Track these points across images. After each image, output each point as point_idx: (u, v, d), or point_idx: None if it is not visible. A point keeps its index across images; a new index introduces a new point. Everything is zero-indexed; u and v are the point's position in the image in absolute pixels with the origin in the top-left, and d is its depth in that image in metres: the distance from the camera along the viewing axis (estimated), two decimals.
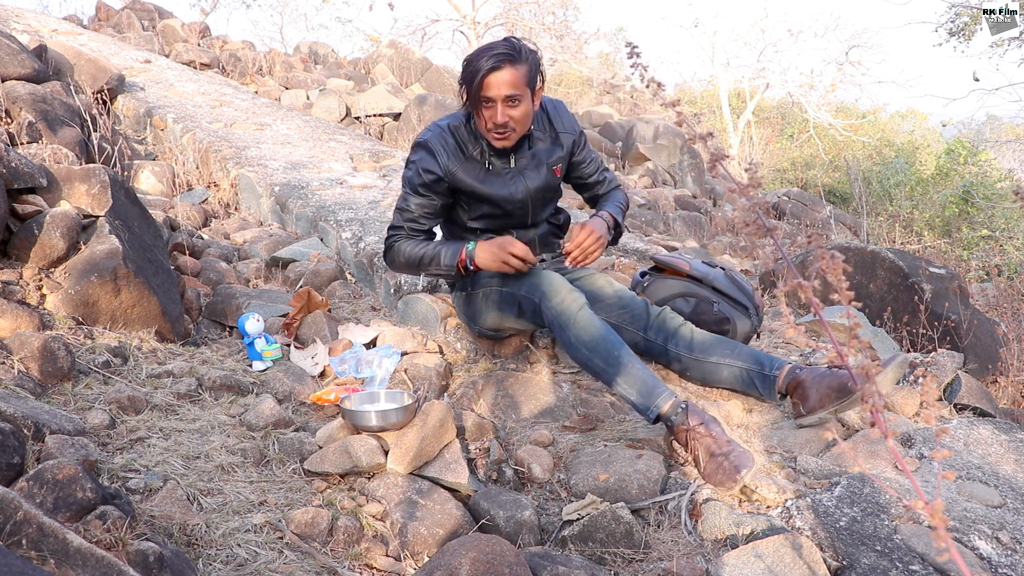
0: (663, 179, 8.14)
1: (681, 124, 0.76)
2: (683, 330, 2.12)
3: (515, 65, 1.91)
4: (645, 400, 1.82)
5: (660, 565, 1.46)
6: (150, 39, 8.28)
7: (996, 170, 10.19)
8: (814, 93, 15.29)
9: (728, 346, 2.07)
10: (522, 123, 1.99)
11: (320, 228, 3.84)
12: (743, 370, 2.03)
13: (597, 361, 1.88)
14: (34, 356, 1.80)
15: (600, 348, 1.88)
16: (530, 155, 2.12)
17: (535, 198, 2.15)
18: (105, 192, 2.46)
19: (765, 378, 1.99)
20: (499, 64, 1.89)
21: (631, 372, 1.84)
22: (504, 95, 1.92)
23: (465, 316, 2.35)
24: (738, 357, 2.04)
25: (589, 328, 1.91)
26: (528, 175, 2.13)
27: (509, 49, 1.91)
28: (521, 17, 14.43)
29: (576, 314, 1.92)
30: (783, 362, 2.01)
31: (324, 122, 6.59)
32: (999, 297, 4.64)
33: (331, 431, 1.79)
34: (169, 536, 1.30)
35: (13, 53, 4.42)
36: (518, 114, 1.96)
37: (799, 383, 1.94)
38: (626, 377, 1.84)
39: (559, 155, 2.17)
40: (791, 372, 1.97)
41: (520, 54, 1.92)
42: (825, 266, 0.65)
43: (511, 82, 1.90)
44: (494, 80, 1.90)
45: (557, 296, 1.96)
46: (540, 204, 2.19)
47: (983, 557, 1.45)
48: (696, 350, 2.08)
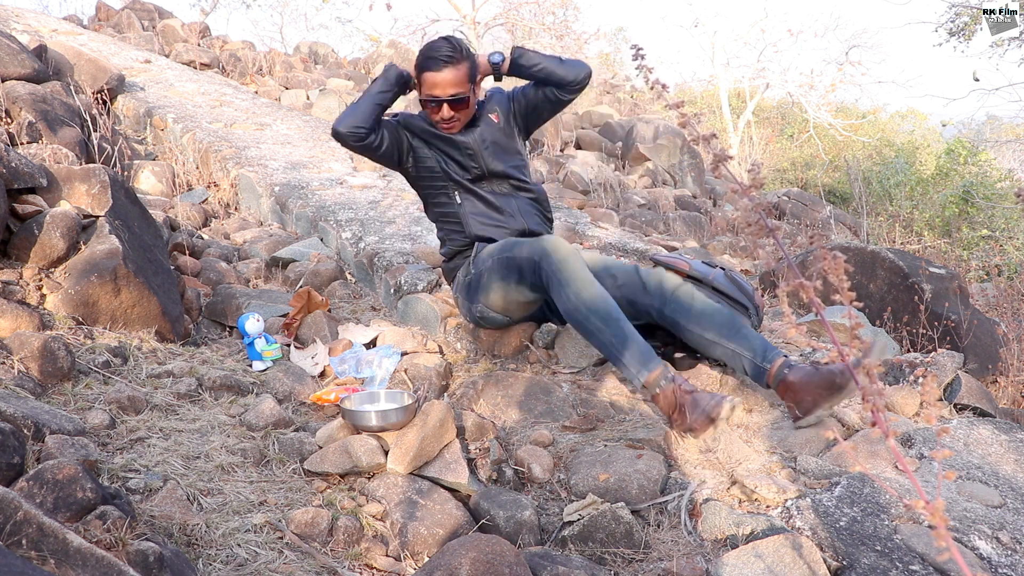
0: (663, 179, 8.14)
1: (685, 125, 0.76)
2: (681, 293, 2.11)
3: (455, 65, 2.13)
4: (636, 367, 1.88)
5: (660, 565, 1.46)
6: (150, 39, 8.27)
7: (996, 170, 10.19)
8: (814, 93, 15.28)
9: (726, 324, 2.04)
10: (466, 113, 2.24)
11: (320, 228, 3.84)
12: (736, 353, 2.01)
13: (595, 321, 1.93)
14: (34, 356, 1.80)
15: (599, 308, 1.93)
16: (481, 122, 2.33)
17: (483, 145, 2.30)
18: (105, 192, 2.46)
19: (756, 368, 1.98)
20: (439, 67, 2.13)
21: (627, 337, 1.90)
22: (448, 94, 2.16)
23: (467, 304, 2.36)
24: (732, 338, 2.01)
25: (589, 286, 1.95)
26: (485, 129, 2.32)
27: (448, 52, 2.12)
28: (521, 17, 14.43)
29: (579, 271, 1.97)
30: (776, 354, 1.98)
31: (324, 122, 6.59)
32: (999, 297, 4.64)
33: (331, 431, 1.79)
34: (169, 536, 1.30)
35: (13, 53, 4.41)
36: (462, 110, 2.22)
37: (788, 386, 1.93)
38: (622, 341, 1.89)
39: (502, 110, 2.34)
40: (780, 372, 1.95)
41: (456, 55, 2.13)
42: (827, 266, 0.65)
43: (453, 80, 2.14)
44: (438, 80, 2.14)
45: (558, 252, 2.01)
46: (491, 154, 2.31)
47: (983, 557, 1.45)
48: (693, 320, 2.06)
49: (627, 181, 7.49)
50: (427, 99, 2.19)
